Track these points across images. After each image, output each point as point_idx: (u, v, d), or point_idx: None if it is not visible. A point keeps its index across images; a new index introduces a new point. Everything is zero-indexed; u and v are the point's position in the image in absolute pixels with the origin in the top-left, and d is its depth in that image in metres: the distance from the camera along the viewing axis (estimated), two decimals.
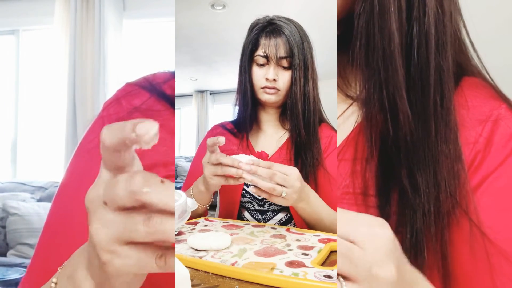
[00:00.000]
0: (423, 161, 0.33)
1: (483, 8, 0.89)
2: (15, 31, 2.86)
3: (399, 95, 0.33)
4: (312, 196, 0.69)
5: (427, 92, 0.34)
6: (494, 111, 0.35)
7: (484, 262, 0.32)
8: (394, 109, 0.33)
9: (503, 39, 1.01)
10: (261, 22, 0.87)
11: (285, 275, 0.40)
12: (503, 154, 0.33)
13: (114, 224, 0.22)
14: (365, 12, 0.33)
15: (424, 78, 0.33)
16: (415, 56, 0.33)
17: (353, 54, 0.35)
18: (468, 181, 0.34)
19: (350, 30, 0.35)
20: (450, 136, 0.34)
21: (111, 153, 0.24)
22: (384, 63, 0.33)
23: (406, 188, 0.34)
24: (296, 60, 0.82)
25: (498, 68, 0.42)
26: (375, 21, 0.33)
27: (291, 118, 0.85)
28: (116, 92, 0.47)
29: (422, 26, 0.33)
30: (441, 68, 0.34)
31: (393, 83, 0.33)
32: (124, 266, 0.23)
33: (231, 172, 0.62)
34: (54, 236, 0.41)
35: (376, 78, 0.34)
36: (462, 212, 0.33)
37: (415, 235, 0.33)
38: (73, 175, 0.43)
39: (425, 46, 0.33)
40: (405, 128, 0.33)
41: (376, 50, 0.33)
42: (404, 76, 0.33)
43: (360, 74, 0.36)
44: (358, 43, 0.34)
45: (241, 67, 0.89)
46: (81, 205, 0.24)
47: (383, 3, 0.32)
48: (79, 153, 0.44)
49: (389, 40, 0.32)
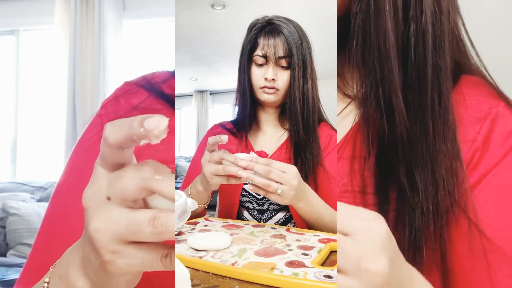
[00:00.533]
0: (421, 159, 0.34)
1: (482, 6, 0.89)
2: (15, 31, 2.86)
3: (395, 94, 0.33)
4: (311, 195, 0.69)
5: (425, 90, 0.34)
6: (492, 109, 0.35)
7: (482, 260, 0.32)
8: (389, 108, 0.33)
9: (503, 38, 1.01)
10: (260, 22, 0.87)
11: (285, 275, 0.40)
12: (502, 152, 0.34)
13: (117, 222, 0.22)
14: (361, 11, 0.34)
15: (422, 76, 0.34)
16: (412, 55, 0.33)
17: (350, 53, 0.35)
18: (466, 179, 0.34)
19: (348, 29, 0.36)
20: (448, 134, 0.34)
21: (114, 150, 0.23)
22: (380, 62, 0.33)
23: (405, 187, 0.34)
24: (294, 60, 0.82)
25: (497, 67, 0.42)
26: (371, 20, 0.33)
27: (290, 118, 0.85)
28: (114, 90, 0.47)
29: (419, 24, 0.33)
30: (439, 66, 0.34)
31: (388, 82, 0.33)
32: (128, 266, 0.22)
33: (233, 171, 0.62)
34: (51, 235, 0.41)
35: (372, 77, 0.34)
36: (461, 210, 0.33)
37: (413, 233, 0.33)
38: (70, 174, 0.43)
39: (422, 45, 0.33)
40: (401, 126, 0.34)
41: (372, 49, 0.33)
42: (399, 75, 0.33)
43: (357, 73, 0.36)
44: (354, 42, 0.35)
45: (240, 67, 0.90)
46: (79, 204, 0.24)
47: (378, 2, 0.33)
48: (76, 152, 0.44)
49: (385, 39, 0.32)
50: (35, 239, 0.41)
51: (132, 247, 0.22)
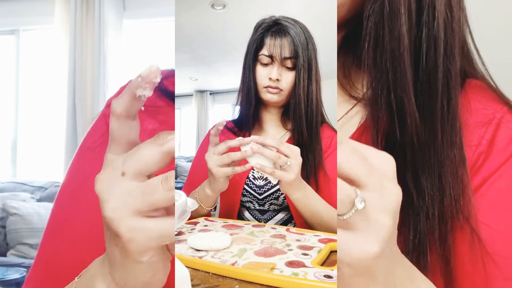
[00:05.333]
0: (429, 164, 0.33)
1: (486, 9, 0.89)
2: (15, 31, 2.86)
3: (407, 98, 0.33)
4: (309, 188, 0.70)
5: (435, 96, 0.33)
6: (496, 114, 0.35)
7: (481, 268, 0.32)
8: (401, 111, 0.33)
9: (505, 39, 1.01)
10: (266, 22, 0.87)
11: (285, 275, 0.40)
12: (504, 156, 0.34)
13: (132, 194, 0.23)
14: (374, 14, 0.33)
15: (432, 82, 0.33)
16: (424, 60, 0.33)
17: (361, 55, 0.35)
18: (470, 186, 0.34)
19: (356, 31, 0.35)
20: (456, 140, 0.34)
21: (123, 123, 0.25)
22: (393, 64, 0.33)
23: (411, 191, 0.34)
24: (300, 61, 0.82)
25: (500, 68, 0.42)
26: (384, 23, 0.33)
27: (293, 119, 0.86)
28: (119, 89, 0.48)
29: (431, 30, 0.33)
30: (449, 72, 0.34)
31: (401, 85, 0.33)
32: (148, 240, 0.23)
33: (237, 156, 0.63)
34: (58, 235, 0.41)
35: (384, 80, 0.33)
36: (464, 217, 0.33)
37: (418, 236, 0.33)
38: (76, 175, 0.43)
39: (434, 50, 0.33)
40: (412, 130, 0.33)
41: (385, 52, 0.33)
42: (412, 79, 0.33)
43: (367, 75, 0.36)
44: (366, 44, 0.34)
45: (245, 65, 0.90)
46: (85, 203, 0.24)
47: (393, 5, 0.32)
48: (81, 152, 0.44)
49: (399, 42, 0.32)
50: (42, 239, 0.41)
51: (148, 220, 0.23)
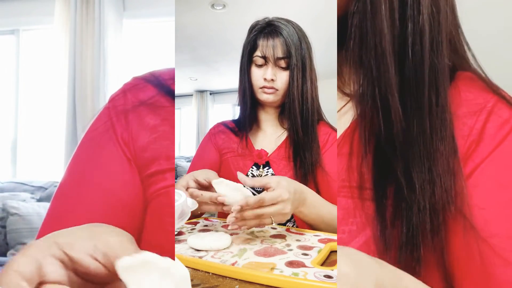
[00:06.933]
0: (419, 158, 0.34)
1: (479, 5, 0.89)
2: (15, 31, 2.85)
3: (391, 93, 0.33)
4: (309, 197, 0.66)
5: (422, 90, 0.34)
6: (487, 103, 0.36)
7: (477, 255, 0.32)
8: (386, 107, 0.34)
9: (499, 36, 1.01)
10: (260, 23, 0.88)
11: (285, 275, 0.40)
12: (495, 141, 0.34)
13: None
14: (358, 12, 0.34)
15: (419, 76, 0.34)
16: (410, 55, 0.34)
17: (347, 52, 0.36)
18: (462, 177, 0.34)
19: (347, 29, 0.36)
20: (446, 133, 0.34)
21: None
22: (376, 61, 0.33)
23: (402, 184, 0.34)
24: (293, 61, 0.83)
25: (495, 67, 0.42)
26: (367, 20, 0.33)
27: (289, 118, 0.86)
28: (122, 85, 0.48)
29: (417, 24, 0.33)
30: (436, 66, 0.34)
31: (384, 81, 0.33)
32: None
33: (216, 210, 0.62)
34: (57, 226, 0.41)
35: (368, 77, 0.34)
36: (457, 208, 0.33)
37: (411, 229, 0.33)
38: (77, 166, 0.43)
39: (420, 45, 0.33)
40: (397, 125, 0.34)
41: (369, 49, 0.34)
42: (396, 75, 0.34)
43: (354, 72, 0.36)
44: (352, 42, 0.35)
45: (241, 67, 0.91)
46: (83, 196, 0.24)
47: (374, 2, 0.33)
48: (83, 142, 0.44)
49: (380, 39, 0.33)
50: (40, 229, 0.41)
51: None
